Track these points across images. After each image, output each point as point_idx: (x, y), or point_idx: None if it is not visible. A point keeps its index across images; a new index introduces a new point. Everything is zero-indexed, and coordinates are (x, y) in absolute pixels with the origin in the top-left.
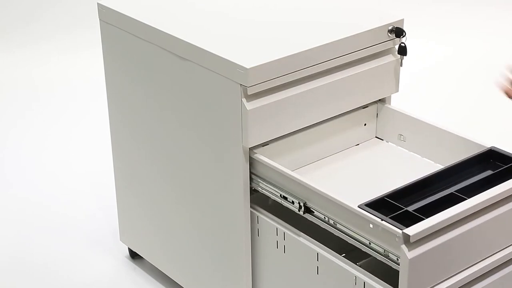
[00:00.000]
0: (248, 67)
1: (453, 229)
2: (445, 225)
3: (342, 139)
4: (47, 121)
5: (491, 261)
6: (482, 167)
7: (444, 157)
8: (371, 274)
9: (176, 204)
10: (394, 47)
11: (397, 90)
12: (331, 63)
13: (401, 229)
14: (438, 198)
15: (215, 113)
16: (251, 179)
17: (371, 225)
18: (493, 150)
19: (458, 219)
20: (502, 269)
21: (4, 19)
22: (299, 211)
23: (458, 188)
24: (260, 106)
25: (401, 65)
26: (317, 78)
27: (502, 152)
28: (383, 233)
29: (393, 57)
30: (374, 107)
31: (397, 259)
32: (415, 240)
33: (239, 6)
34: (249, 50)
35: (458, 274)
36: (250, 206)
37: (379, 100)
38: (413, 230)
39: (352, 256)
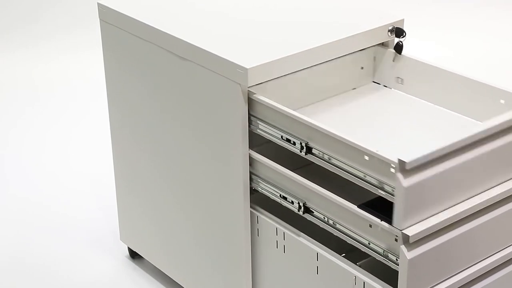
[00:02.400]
0: (248, 67)
1: (452, 230)
2: (445, 225)
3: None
4: (47, 121)
5: (491, 261)
6: None
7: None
8: (371, 274)
9: (176, 204)
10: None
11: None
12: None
13: (401, 229)
14: None
15: (215, 113)
16: (251, 179)
17: (370, 225)
18: None
19: (458, 219)
20: (502, 269)
21: (4, 19)
22: (298, 211)
23: None
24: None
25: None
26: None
27: None
28: (382, 233)
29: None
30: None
31: (396, 259)
32: (414, 240)
33: (239, 6)
34: (249, 50)
35: (458, 274)
36: (250, 206)
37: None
38: (412, 231)
39: (352, 256)
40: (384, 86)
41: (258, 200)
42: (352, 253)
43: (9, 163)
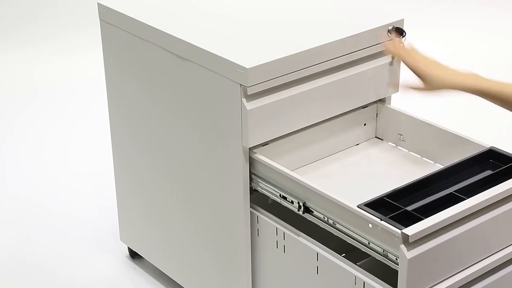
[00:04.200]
0: (248, 67)
1: (452, 229)
2: (444, 225)
3: (342, 139)
4: (47, 121)
5: (491, 261)
6: (482, 167)
7: (443, 156)
8: (371, 274)
9: (176, 204)
10: None
11: (397, 90)
12: (331, 63)
13: (400, 229)
14: (437, 198)
15: (215, 113)
16: (251, 179)
17: (370, 225)
18: (492, 150)
19: (457, 219)
20: (502, 269)
21: (4, 19)
22: (298, 210)
23: (458, 188)
24: (260, 106)
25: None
26: (317, 78)
27: (502, 152)
28: (382, 233)
29: (393, 57)
30: (374, 107)
31: (396, 259)
32: (414, 240)
33: (239, 6)
34: (249, 50)
35: (458, 274)
36: (250, 206)
37: (379, 100)
38: (412, 230)
39: (352, 256)
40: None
41: (258, 200)
42: (352, 253)
43: (9, 163)
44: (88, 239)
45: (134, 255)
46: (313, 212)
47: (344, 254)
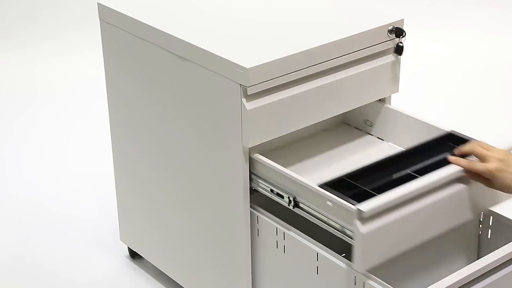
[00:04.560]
0: (248, 67)
1: (405, 206)
2: (397, 203)
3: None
4: (47, 121)
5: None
6: (441, 149)
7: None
8: (371, 274)
9: (176, 204)
10: (394, 47)
11: (397, 90)
12: (331, 63)
13: (355, 205)
14: (395, 178)
15: (215, 113)
16: (251, 179)
17: (329, 203)
18: (452, 133)
19: (410, 197)
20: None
21: (4, 19)
22: (289, 205)
23: (415, 169)
24: (260, 106)
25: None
26: (317, 78)
27: (461, 136)
28: (340, 210)
29: (393, 57)
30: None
31: (352, 234)
32: (368, 216)
33: (239, 6)
34: (249, 50)
35: (410, 250)
36: (250, 206)
37: (379, 100)
38: (366, 206)
39: (352, 256)
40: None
41: (258, 200)
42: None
43: (9, 163)
44: (88, 239)
45: (134, 255)
46: (301, 206)
47: (344, 254)
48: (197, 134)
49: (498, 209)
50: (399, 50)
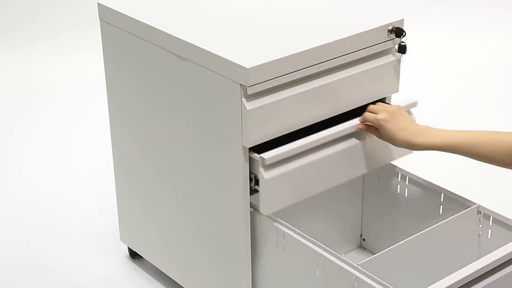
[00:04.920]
0: (248, 66)
1: (305, 156)
2: (297, 152)
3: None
4: (47, 121)
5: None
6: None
7: None
8: (371, 274)
9: (176, 204)
10: (394, 47)
11: (397, 90)
12: (331, 63)
13: (259, 154)
14: (301, 133)
15: (215, 113)
16: (251, 179)
17: (253, 156)
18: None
19: (309, 147)
20: None
21: (4, 19)
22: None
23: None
24: (260, 106)
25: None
26: (317, 78)
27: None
28: (253, 161)
29: (393, 57)
30: None
31: (258, 180)
32: (269, 163)
33: (239, 6)
34: (249, 50)
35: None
36: (250, 206)
37: (379, 100)
38: (267, 155)
39: (352, 256)
40: None
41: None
42: (352, 253)
43: (9, 163)
44: (88, 239)
45: (134, 255)
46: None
47: (344, 254)
48: (197, 134)
49: (497, 209)
50: (402, 49)
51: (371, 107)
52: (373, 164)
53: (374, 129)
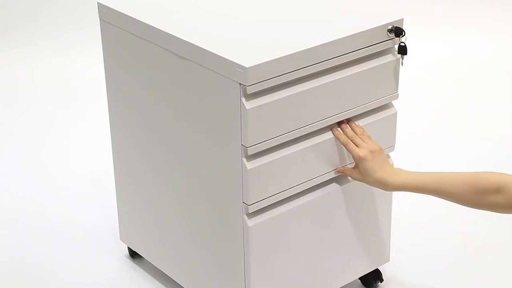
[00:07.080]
0: (247, 66)
1: (288, 147)
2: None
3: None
4: (47, 121)
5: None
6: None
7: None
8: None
9: (176, 204)
10: (394, 46)
11: (396, 90)
12: (331, 63)
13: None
14: None
15: (215, 112)
16: None
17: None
18: None
19: (293, 137)
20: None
21: (4, 19)
22: None
23: None
24: (259, 105)
25: (401, 65)
26: (317, 77)
27: None
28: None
29: (393, 56)
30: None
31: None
32: (252, 153)
33: (239, 6)
34: (249, 49)
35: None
36: None
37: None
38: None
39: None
40: None
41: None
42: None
43: (9, 163)
44: (88, 239)
45: (134, 255)
46: None
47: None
48: (197, 134)
49: None
50: (402, 50)
51: (355, 140)
52: None
53: (350, 170)
